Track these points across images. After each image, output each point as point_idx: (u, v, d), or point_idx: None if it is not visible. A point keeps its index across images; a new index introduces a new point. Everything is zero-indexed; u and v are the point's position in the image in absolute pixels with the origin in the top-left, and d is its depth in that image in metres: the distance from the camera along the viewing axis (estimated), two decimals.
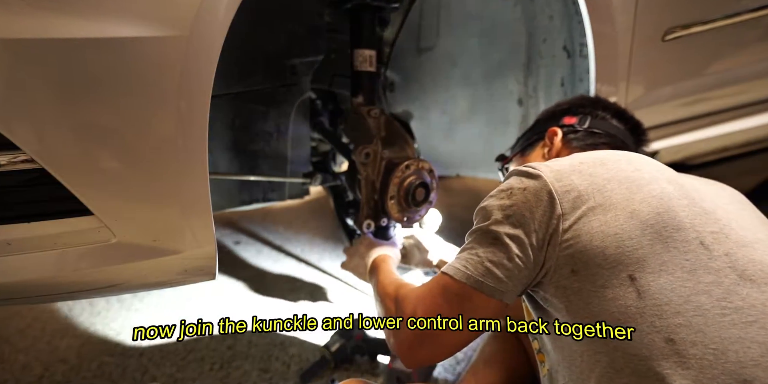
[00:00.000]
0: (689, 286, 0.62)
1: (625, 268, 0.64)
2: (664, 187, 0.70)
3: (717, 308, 0.61)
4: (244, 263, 2.04)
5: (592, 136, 0.96)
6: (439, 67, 1.57)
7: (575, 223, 0.68)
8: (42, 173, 0.69)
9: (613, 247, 0.65)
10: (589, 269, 0.66)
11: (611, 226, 0.66)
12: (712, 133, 1.58)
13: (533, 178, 0.72)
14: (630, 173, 0.72)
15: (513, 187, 0.73)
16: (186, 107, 0.74)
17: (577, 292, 0.67)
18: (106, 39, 0.68)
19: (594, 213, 0.68)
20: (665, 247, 0.65)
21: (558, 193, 0.70)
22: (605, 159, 0.75)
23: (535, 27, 1.36)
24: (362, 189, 1.22)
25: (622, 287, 0.63)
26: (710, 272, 0.63)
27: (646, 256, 0.64)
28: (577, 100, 1.05)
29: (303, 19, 1.30)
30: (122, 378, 1.34)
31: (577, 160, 0.75)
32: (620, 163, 0.74)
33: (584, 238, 0.67)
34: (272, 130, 1.37)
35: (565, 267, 0.68)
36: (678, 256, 0.64)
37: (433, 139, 1.71)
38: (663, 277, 0.63)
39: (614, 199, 0.68)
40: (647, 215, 0.67)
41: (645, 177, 0.72)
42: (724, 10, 1.37)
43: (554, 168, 0.73)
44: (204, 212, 0.81)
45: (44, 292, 0.82)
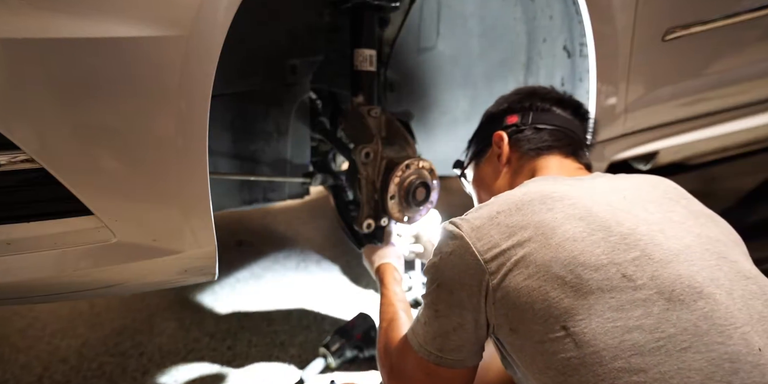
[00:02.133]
0: (620, 325, 0.61)
1: (557, 320, 0.64)
2: (575, 226, 0.69)
3: (651, 341, 0.60)
4: (244, 263, 2.04)
5: (538, 133, 0.95)
6: (439, 67, 1.57)
7: (502, 281, 0.69)
8: (42, 173, 0.69)
9: (540, 301, 0.65)
10: (525, 325, 0.67)
11: (534, 279, 0.66)
12: (712, 133, 1.58)
13: (456, 239, 0.74)
14: (543, 215, 0.71)
15: (442, 252, 0.76)
16: (186, 107, 0.74)
17: (521, 349, 0.69)
18: (106, 39, 0.68)
19: (517, 267, 0.68)
20: (589, 290, 0.64)
21: (480, 252, 0.71)
22: (520, 202, 0.74)
23: (535, 27, 1.36)
24: (362, 189, 1.21)
25: (559, 340, 0.63)
26: (638, 305, 0.62)
27: (573, 305, 0.64)
28: (514, 96, 1.03)
29: (303, 19, 1.30)
30: (122, 378, 1.34)
31: (495, 209, 0.75)
32: (533, 205, 0.73)
33: (512, 296, 0.68)
34: (272, 130, 1.37)
35: (504, 326, 0.70)
36: (603, 297, 0.63)
37: (433, 139, 1.71)
38: (594, 321, 0.62)
39: (532, 248, 0.68)
40: (564, 261, 0.66)
41: (557, 218, 0.71)
42: (724, 10, 1.37)
43: (474, 224, 0.74)
44: (204, 212, 0.81)
45: (44, 292, 0.82)
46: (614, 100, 1.31)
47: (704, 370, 0.57)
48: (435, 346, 0.78)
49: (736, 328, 0.60)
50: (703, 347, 0.58)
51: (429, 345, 0.79)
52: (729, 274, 0.66)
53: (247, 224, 2.48)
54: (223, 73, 0.84)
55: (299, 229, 2.44)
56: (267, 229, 2.43)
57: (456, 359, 0.78)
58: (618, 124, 1.37)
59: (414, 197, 1.22)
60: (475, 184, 1.11)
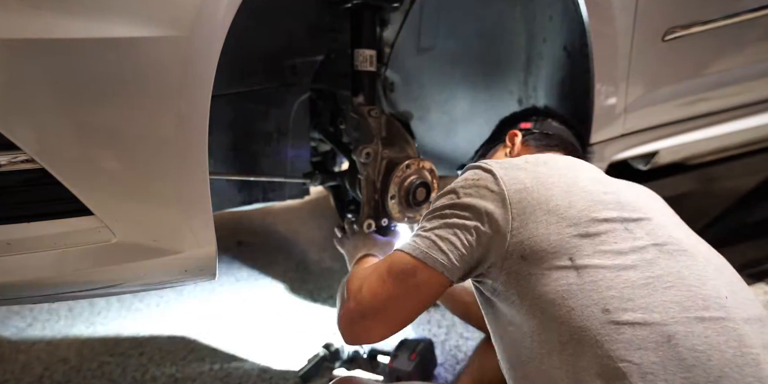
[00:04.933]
0: (618, 263, 0.72)
1: (566, 252, 0.74)
2: (595, 184, 0.81)
3: (642, 279, 0.71)
4: (244, 263, 2.04)
5: (547, 138, 1.09)
6: (439, 67, 1.57)
7: (522, 213, 0.77)
8: (42, 173, 0.69)
9: (555, 234, 0.75)
10: (536, 254, 0.75)
11: (553, 215, 0.76)
12: (712, 133, 1.58)
13: (485, 172, 0.82)
14: (566, 171, 0.83)
15: (467, 178, 0.83)
16: (186, 107, 0.74)
17: (527, 277, 0.76)
18: (106, 39, 0.68)
19: (538, 204, 0.77)
20: (596, 234, 0.75)
21: (507, 185, 0.79)
22: (547, 160, 0.85)
23: (535, 27, 1.35)
24: (363, 189, 1.21)
25: (564, 269, 0.73)
26: (636, 251, 0.74)
27: (583, 243, 0.74)
28: (530, 110, 1.24)
29: (303, 19, 1.30)
30: (122, 378, 1.35)
31: (523, 159, 0.85)
32: (558, 163, 0.85)
33: (531, 227, 0.76)
34: (272, 130, 1.37)
35: (515, 254, 0.76)
36: (608, 241, 0.74)
37: (433, 139, 1.71)
38: (597, 258, 0.73)
39: (554, 191, 0.78)
40: (582, 206, 0.77)
41: (578, 175, 0.82)
42: (724, 10, 1.37)
43: (503, 165, 0.83)
44: (204, 212, 0.81)
45: (44, 292, 0.82)
46: (614, 100, 1.31)
47: (682, 304, 0.69)
48: (425, 243, 0.80)
49: (708, 279, 0.73)
50: (684, 288, 0.71)
51: (419, 242, 0.81)
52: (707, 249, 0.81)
53: (247, 224, 2.48)
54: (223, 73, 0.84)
55: (299, 229, 2.44)
56: (267, 229, 2.44)
57: (440, 261, 0.79)
58: (618, 125, 1.37)
59: (414, 197, 1.22)
60: None
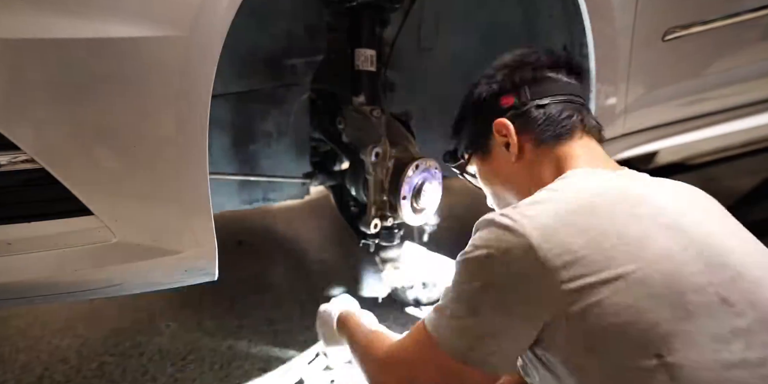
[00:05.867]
0: (723, 358, 0.55)
1: (651, 346, 0.56)
2: (669, 238, 0.61)
3: (757, 378, 0.54)
4: (244, 263, 2.04)
5: (544, 111, 0.81)
6: (439, 67, 1.57)
7: (579, 296, 0.59)
8: (42, 173, 0.69)
9: (632, 323, 0.57)
10: (608, 347, 0.58)
11: (624, 296, 0.57)
12: (712, 133, 1.58)
13: (514, 235, 0.62)
14: (627, 221, 0.62)
15: (491, 247, 0.63)
16: (186, 107, 0.74)
17: (593, 372, 0.59)
18: (106, 39, 0.68)
19: (599, 280, 0.58)
20: (687, 313, 0.57)
21: (549, 260, 0.59)
22: (594, 203, 0.64)
23: (535, 27, 1.35)
24: (370, 189, 1.21)
25: (651, 369, 0.56)
26: (739, 336, 0.56)
27: (672, 330, 0.56)
28: (501, 72, 0.87)
29: (303, 19, 1.30)
30: (122, 378, 1.34)
31: (562, 207, 0.64)
32: (612, 206, 0.64)
33: (595, 312, 0.58)
34: (272, 130, 1.37)
35: (577, 343, 0.60)
36: (705, 324, 0.56)
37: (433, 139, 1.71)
38: (693, 352, 0.55)
39: (618, 259, 0.59)
40: (661, 279, 0.58)
41: (645, 225, 0.62)
42: (724, 10, 1.37)
43: (539, 222, 0.62)
44: (204, 212, 0.81)
45: (44, 292, 0.82)
46: (614, 100, 1.31)
47: None
48: (465, 344, 0.65)
49: None
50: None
51: (457, 340, 0.66)
52: None
53: (247, 224, 2.47)
54: (223, 73, 0.84)
55: (299, 229, 2.44)
56: (267, 229, 2.43)
57: (488, 362, 0.65)
58: (618, 125, 1.37)
59: (424, 196, 1.22)
60: (486, 180, 0.94)
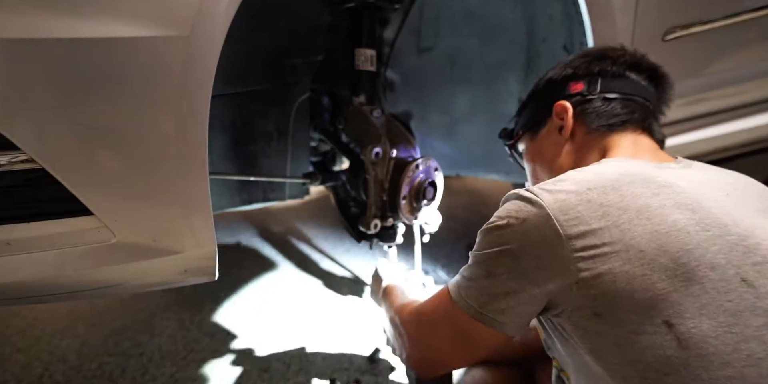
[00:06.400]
0: (736, 331, 0.55)
1: (659, 313, 0.57)
2: (689, 218, 0.62)
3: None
4: (244, 263, 2.04)
5: (608, 104, 0.83)
6: (439, 67, 1.57)
7: (591, 264, 0.61)
8: (42, 173, 0.69)
9: (642, 291, 0.58)
10: (616, 313, 0.60)
11: (636, 265, 0.59)
12: (712, 133, 1.58)
13: (534, 206, 0.65)
14: (648, 200, 0.63)
15: (511, 216, 0.66)
16: (186, 107, 0.74)
17: (602, 336, 0.61)
18: (106, 39, 0.68)
19: (612, 251, 0.60)
20: (702, 288, 0.57)
21: (564, 228, 0.62)
22: (618, 182, 0.65)
23: (535, 27, 1.35)
24: (370, 189, 1.21)
25: (659, 334, 0.57)
26: (758, 314, 0.56)
27: (682, 300, 0.57)
28: (581, 59, 0.89)
29: (303, 18, 1.30)
30: (122, 378, 1.34)
31: (584, 184, 0.66)
32: (635, 187, 0.65)
33: (606, 279, 0.60)
34: (272, 130, 1.37)
35: (585, 309, 0.62)
36: (718, 298, 0.57)
37: (433, 139, 1.71)
38: (705, 322, 0.56)
39: (634, 232, 0.60)
40: (675, 253, 0.59)
41: (666, 204, 0.63)
42: (724, 10, 1.37)
43: (558, 197, 0.64)
44: (204, 212, 0.81)
45: (44, 292, 0.82)
46: None
47: None
48: (479, 301, 0.68)
49: None
50: None
51: (472, 298, 0.69)
52: None
53: (247, 224, 2.48)
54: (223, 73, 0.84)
55: (299, 229, 2.44)
56: (267, 229, 2.43)
57: (497, 320, 0.68)
58: None
59: (424, 196, 1.22)
60: (530, 158, 0.96)
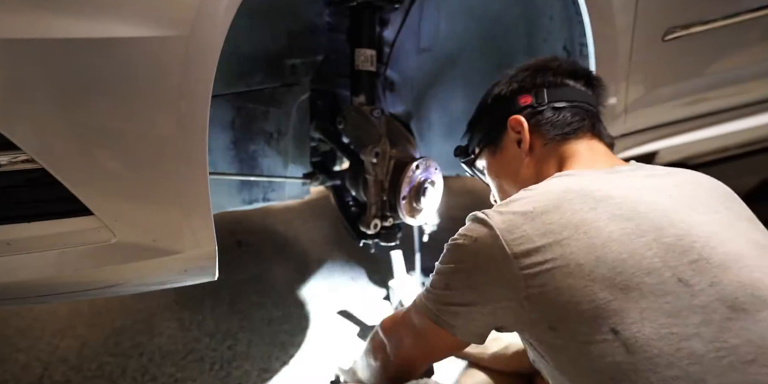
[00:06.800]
0: (676, 331, 0.58)
1: (605, 322, 0.60)
2: (624, 228, 0.65)
3: (712, 351, 0.56)
4: (245, 263, 2.04)
5: (559, 114, 0.87)
6: (439, 67, 1.57)
7: (537, 280, 0.64)
8: (42, 173, 0.69)
9: (587, 302, 0.61)
10: (567, 325, 0.63)
11: (577, 278, 0.62)
12: (712, 133, 1.58)
13: (485, 227, 0.70)
14: (585, 215, 0.67)
15: (466, 236, 0.72)
16: (186, 107, 0.74)
17: (561, 350, 0.65)
18: (106, 39, 0.68)
19: (555, 266, 0.64)
20: (640, 293, 0.60)
21: (510, 247, 0.66)
22: (559, 200, 0.69)
23: (535, 27, 1.35)
24: (370, 189, 1.21)
25: (607, 342, 0.60)
26: (696, 312, 0.58)
27: (624, 307, 0.60)
28: (523, 73, 0.93)
29: (303, 19, 1.30)
30: (122, 378, 1.34)
31: (530, 205, 0.70)
32: (574, 203, 0.68)
33: (551, 294, 0.63)
34: (272, 130, 1.37)
35: (540, 323, 0.66)
36: (656, 301, 0.60)
37: (433, 139, 1.71)
38: (647, 325, 0.59)
39: (573, 247, 0.64)
40: (612, 263, 0.62)
41: (601, 218, 0.66)
42: (724, 10, 1.37)
43: (506, 218, 0.69)
44: (204, 212, 0.81)
45: (44, 292, 0.82)
46: (614, 100, 1.31)
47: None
48: (436, 306, 0.76)
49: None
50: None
51: (431, 303, 0.77)
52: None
53: (247, 224, 2.47)
54: (223, 73, 0.84)
55: (299, 229, 2.44)
56: (267, 229, 2.43)
57: (450, 323, 0.75)
58: (618, 124, 1.37)
59: (424, 196, 1.22)
60: (493, 174, 1.00)
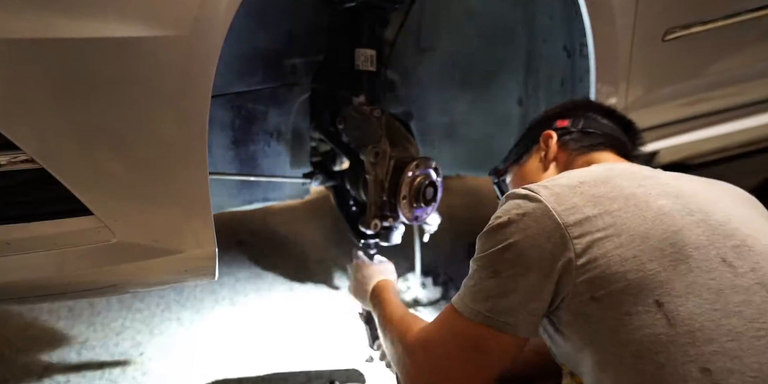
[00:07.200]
0: (719, 308, 0.59)
1: (651, 293, 0.61)
2: (674, 203, 0.67)
3: (751, 330, 0.58)
4: (245, 263, 2.04)
5: (588, 137, 0.93)
6: (439, 67, 1.57)
7: (588, 249, 0.64)
8: (42, 173, 0.69)
9: (634, 271, 0.62)
10: (612, 296, 0.63)
11: (627, 248, 0.63)
12: (712, 133, 1.58)
13: (531, 201, 0.69)
14: (635, 190, 0.68)
15: (511, 213, 0.69)
16: (186, 107, 0.74)
17: (600, 321, 0.64)
18: (106, 39, 0.68)
19: (606, 236, 0.64)
20: (688, 267, 0.62)
21: (561, 217, 0.66)
22: (606, 177, 0.71)
23: (535, 27, 1.35)
24: (369, 189, 1.21)
25: (650, 314, 0.60)
26: (738, 291, 0.60)
27: (671, 279, 0.61)
28: (567, 104, 1.05)
29: (303, 18, 1.30)
30: (122, 378, 1.34)
31: (575, 179, 0.71)
32: (621, 180, 0.70)
33: (601, 263, 0.63)
34: (272, 130, 1.37)
35: (584, 294, 0.65)
36: (702, 276, 0.61)
37: (433, 139, 1.71)
38: (691, 300, 0.60)
39: (624, 218, 0.65)
40: (663, 234, 0.64)
41: (651, 193, 0.68)
42: (724, 10, 1.37)
43: (554, 190, 0.69)
44: (204, 212, 0.81)
45: (44, 292, 0.82)
46: (614, 100, 1.31)
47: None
48: (486, 306, 0.69)
49: None
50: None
51: (479, 304, 0.70)
52: None
53: (247, 224, 2.47)
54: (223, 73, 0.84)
55: (299, 229, 2.44)
56: (267, 229, 2.43)
57: (508, 322, 0.68)
58: None
59: (423, 196, 1.22)
60: (515, 184, 1.04)
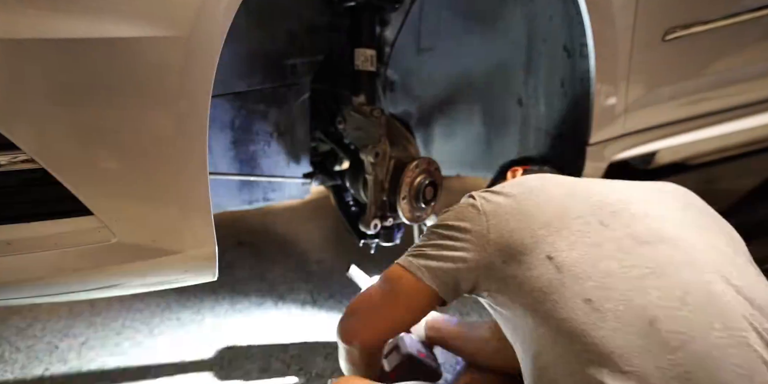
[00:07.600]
0: (595, 254, 0.76)
1: (542, 250, 0.78)
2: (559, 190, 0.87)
3: (621, 268, 0.74)
4: (245, 263, 2.04)
5: None
6: (439, 67, 1.57)
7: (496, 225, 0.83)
8: (42, 173, 0.69)
9: (529, 237, 0.80)
10: (514, 257, 0.80)
11: (524, 222, 0.82)
12: (712, 133, 1.58)
13: (468, 197, 0.91)
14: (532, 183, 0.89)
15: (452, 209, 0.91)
16: (186, 107, 0.74)
17: (512, 279, 0.80)
18: (106, 39, 0.68)
19: (511, 215, 0.83)
20: (570, 231, 0.79)
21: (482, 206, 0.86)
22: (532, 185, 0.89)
23: (535, 27, 1.36)
24: (370, 189, 1.21)
25: (543, 266, 0.77)
26: (611, 241, 0.77)
27: (556, 240, 0.79)
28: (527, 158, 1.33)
29: (303, 18, 1.30)
30: (122, 378, 1.35)
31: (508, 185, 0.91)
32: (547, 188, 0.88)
33: (505, 234, 0.82)
34: (272, 130, 1.37)
35: (497, 261, 0.82)
36: (582, 237, 0.78)
37: (433, 139, 1.71)
38: (574, 252, 0.77)
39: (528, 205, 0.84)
40: (554, 210, 0.82)
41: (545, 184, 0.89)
42: (724, 10, 1.37)
43: (485, 191, 0.90)
44: (204, 212, 0.81)
45: (44, 292, 0.82)
46: (614, 100, 1.31)
47: (661, 289, 0.71)
48: (412, 252, 0.89)
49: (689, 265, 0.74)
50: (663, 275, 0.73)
51: (408, 253, 0.89)
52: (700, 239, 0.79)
53: (247, 224, 2.47)
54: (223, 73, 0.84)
55: (299, 229, 2.44)
56: (267, 229, 2.43)
57: (422, 266, 0.86)
58: (618, 124, 1.37)
59: (423, 197, 1.22)
60: None
